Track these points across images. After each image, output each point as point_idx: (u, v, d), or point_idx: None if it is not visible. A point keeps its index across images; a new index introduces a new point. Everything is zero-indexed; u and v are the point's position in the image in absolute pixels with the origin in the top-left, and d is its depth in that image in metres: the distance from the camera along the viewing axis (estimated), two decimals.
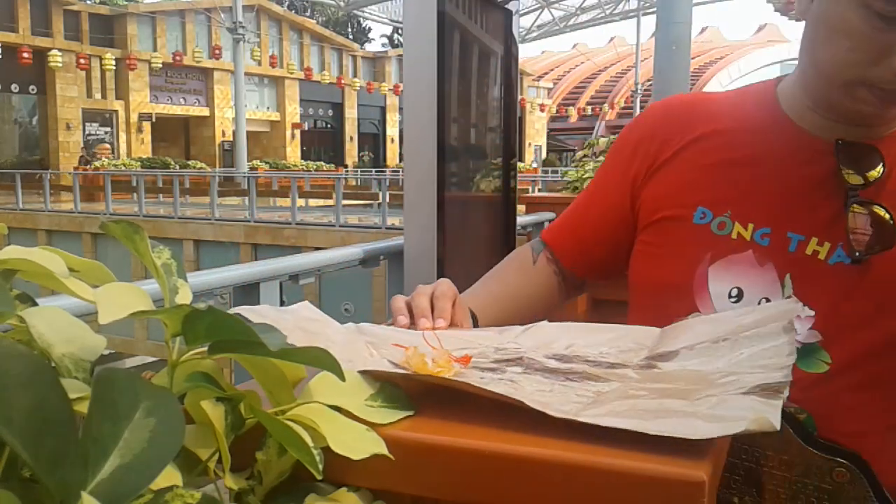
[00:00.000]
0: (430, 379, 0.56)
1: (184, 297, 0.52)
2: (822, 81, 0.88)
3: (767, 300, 0.88)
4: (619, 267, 1.06)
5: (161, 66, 26.84)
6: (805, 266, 0.88)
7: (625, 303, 1.03)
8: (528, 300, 1.07)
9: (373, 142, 36.83)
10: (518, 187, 3.74)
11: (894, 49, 0.79)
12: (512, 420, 0.50)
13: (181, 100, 29.12)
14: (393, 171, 22.19)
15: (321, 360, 0.46)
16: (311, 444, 0.44)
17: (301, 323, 0.68)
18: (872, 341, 0.83)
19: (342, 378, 0.47)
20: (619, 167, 1.03)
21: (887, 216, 0.85)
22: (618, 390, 0.57)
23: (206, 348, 0.45)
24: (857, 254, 0.85)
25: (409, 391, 0.55)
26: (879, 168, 0.87)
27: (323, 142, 35.68)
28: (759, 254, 0.89)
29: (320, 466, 0.44)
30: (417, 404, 0.54)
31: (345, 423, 0.48)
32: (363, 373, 0.55)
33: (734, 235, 0.91)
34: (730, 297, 0.90)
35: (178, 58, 26.98)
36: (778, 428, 0.47)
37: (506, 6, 2.97)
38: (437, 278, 0.95)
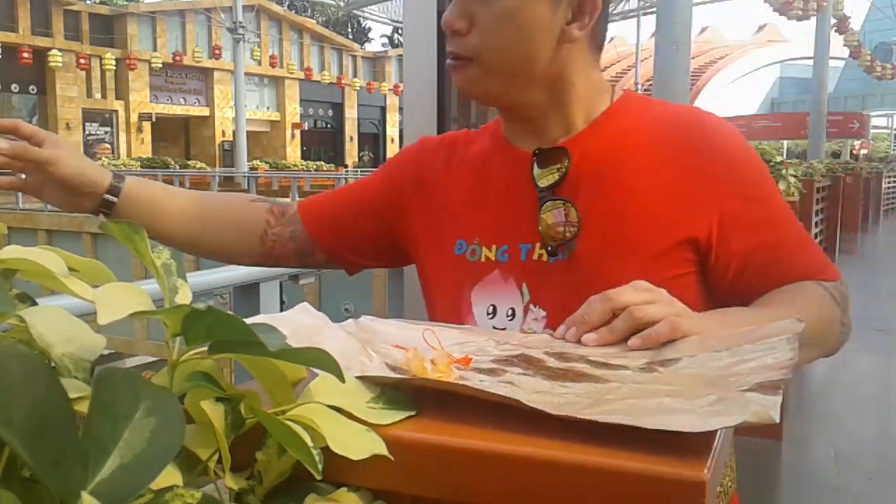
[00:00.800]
0: (429, 383, 0.56)
1: (184, 297, 0.52)
2: None
3: (513, 310, 0.97)
4: (356, 255, 1.15)
5: (161, 66, 26.85)
6: (534, 271, 0.96)
7: None
8: (221, 211, 1.15)
9: (373, 142, 36.86)
10: None
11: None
12: (512, 420, 0.50)
13: (181, 100, 29.13)
14: None
15: (320, 360, 0.46)
16: (310, 444, 0.44)
17: (299, 332, 0.68)
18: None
19: (342, 379, 0.47)
20: (387, 180, 1.13)
21: (570, 207, 0.93)
22: (618, 391, 0.57)
23: (206, 348, 0.45)
24: (549, 248, 0.94)
25: (410, 392, 0.55)
26: (563, 165, 0.95)
27: (323, 142, 35.68)
28: (503, 270, 0.98)
29: (319, 466, 0.44)
30: (417, 405, 0.53)
31: (344, 424, 0.48)
32: (362, 378, 0.55)
33: (483, 259, 1.00)
34: (487, 314, 0.99)
35: (178, 58, 26.97)
36: (777, 420, 0.48)
37: None
38: None
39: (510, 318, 0.97)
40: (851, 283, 1.01)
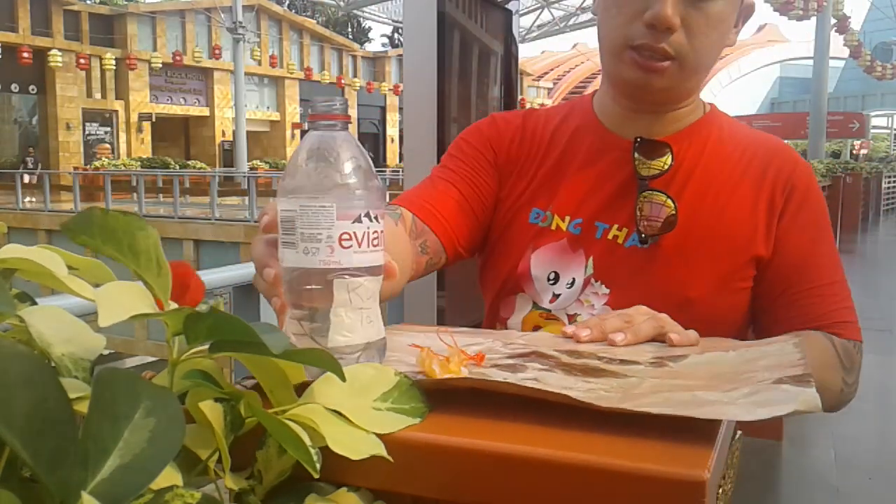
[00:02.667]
0: (469, 383, 0.55)
1: None
2: (606, 57, 1.01)
3: (574, 280, 1.01)
4: (468, 251, 1.09)
5: (161, 66, 26.82)
6: (605, 249, 1.01)
7: None
8: (397, 253, 0.99)
9: (373, 142, 36.80)
10: None
11: (645, 6, 0.92)
12: (512, 420, 0.50)
13: (181, 100, 29.10)
14: (393, 171, 22.16)
15: (322, 360, 0.46)
16: (309, 442, 0.44)
17: None
18: None
19: (343, 378, 0.47)
20: (484, 158, 1.09)
21: (670, 203, 0.97)
22: (641, 386, 0.57)
23: (207, 346, 0.45)
24: (643, 236, 0.98)
25: (430, 390, 0.54)
26: (668, 159, 1.00)
27: None
28: (571, 241, 1.02)
29: (318, 465, 0.44)
30: (429, 405, 0.53)
31: (344, 424, 0.48)
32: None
33: (553, 227, 1.03)
34: (548, 280, 1.02)
35: (178, 58, 26.95)
36: (822, 409, 0.49)
37: (506, 6, 2.97)
38: (437, 278, 0.98)
39: (569, 286, 1.01)
40: (851, 283, 1.02)
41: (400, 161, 27.40)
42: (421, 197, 1.05)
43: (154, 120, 27.88)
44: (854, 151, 33.40)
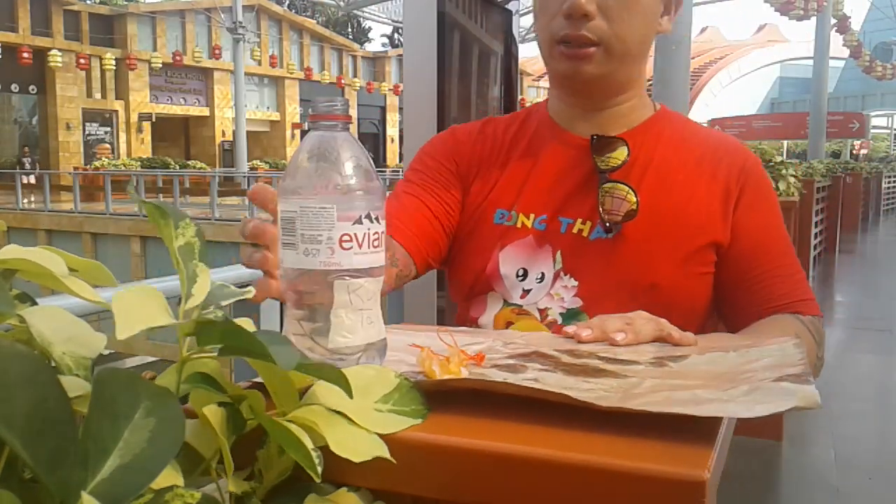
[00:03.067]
0: (458, 384, 0.55)
1: (202, 285, 0.51)
2: (544, 58, 1.05)
3: (543, 274, 1.04)
4: (438, 262, 1.12)
5: (161, 66, 26.83)
6: (572, 243, 1.04)
7: None
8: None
9: (373, 142, 36.80)
10: None
11: (564, 1, 0.98)
12: (512, 420, 0.50)
13: (181, 100, 29.11)
14: (393, 171, 22.16)
15: (332, 377, 0.46)
16: (310, 445, 0.44)
17: None
18: (625, 306, 0.82)
19: (350, 396, 0.46)
20: (446, 169, 1.13)
21: (631, 195, 1.01)
22: (641, 385, 0.57)
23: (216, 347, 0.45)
24: (608, 225, 1.01)
25: (430, 391, 0.54)
26: (623, 153, 1.04)
27: None
28: (537, 237, 1.05)
29: (319, 469, 0.44)
30: (429, 405, 0.53)
31: (346, 425, 0.48)
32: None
33: (518, 225, 1.07)
34: (517, 276, 1.05)
35: (178, 58, 26.96)
36: (821, 405, 0.49)
37: (506, 6, 2.97)
38: (437, 278, 0.98)
39: (539, 281, 1.04)
40: (851, 283, 1.03)
41: (400, 161, 27.40)
42: (387, 213, 1.05)
43: (154, 120, 27.88)
44: (854, 151, 33.43)
